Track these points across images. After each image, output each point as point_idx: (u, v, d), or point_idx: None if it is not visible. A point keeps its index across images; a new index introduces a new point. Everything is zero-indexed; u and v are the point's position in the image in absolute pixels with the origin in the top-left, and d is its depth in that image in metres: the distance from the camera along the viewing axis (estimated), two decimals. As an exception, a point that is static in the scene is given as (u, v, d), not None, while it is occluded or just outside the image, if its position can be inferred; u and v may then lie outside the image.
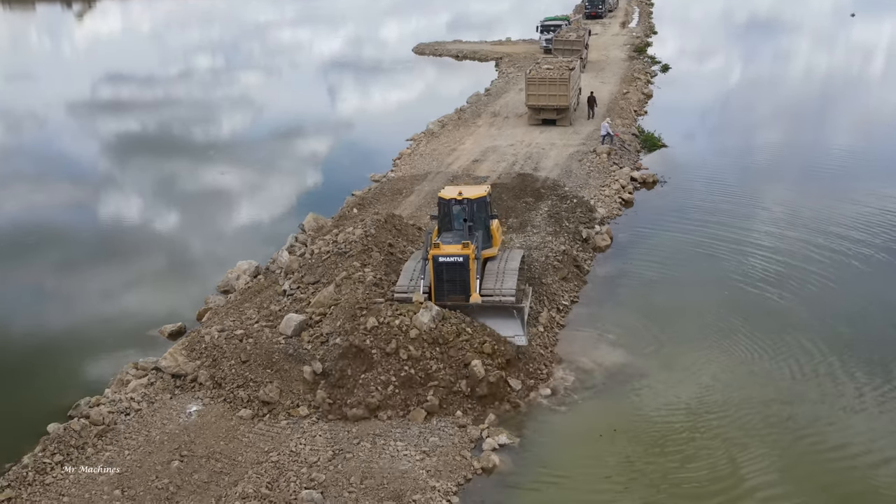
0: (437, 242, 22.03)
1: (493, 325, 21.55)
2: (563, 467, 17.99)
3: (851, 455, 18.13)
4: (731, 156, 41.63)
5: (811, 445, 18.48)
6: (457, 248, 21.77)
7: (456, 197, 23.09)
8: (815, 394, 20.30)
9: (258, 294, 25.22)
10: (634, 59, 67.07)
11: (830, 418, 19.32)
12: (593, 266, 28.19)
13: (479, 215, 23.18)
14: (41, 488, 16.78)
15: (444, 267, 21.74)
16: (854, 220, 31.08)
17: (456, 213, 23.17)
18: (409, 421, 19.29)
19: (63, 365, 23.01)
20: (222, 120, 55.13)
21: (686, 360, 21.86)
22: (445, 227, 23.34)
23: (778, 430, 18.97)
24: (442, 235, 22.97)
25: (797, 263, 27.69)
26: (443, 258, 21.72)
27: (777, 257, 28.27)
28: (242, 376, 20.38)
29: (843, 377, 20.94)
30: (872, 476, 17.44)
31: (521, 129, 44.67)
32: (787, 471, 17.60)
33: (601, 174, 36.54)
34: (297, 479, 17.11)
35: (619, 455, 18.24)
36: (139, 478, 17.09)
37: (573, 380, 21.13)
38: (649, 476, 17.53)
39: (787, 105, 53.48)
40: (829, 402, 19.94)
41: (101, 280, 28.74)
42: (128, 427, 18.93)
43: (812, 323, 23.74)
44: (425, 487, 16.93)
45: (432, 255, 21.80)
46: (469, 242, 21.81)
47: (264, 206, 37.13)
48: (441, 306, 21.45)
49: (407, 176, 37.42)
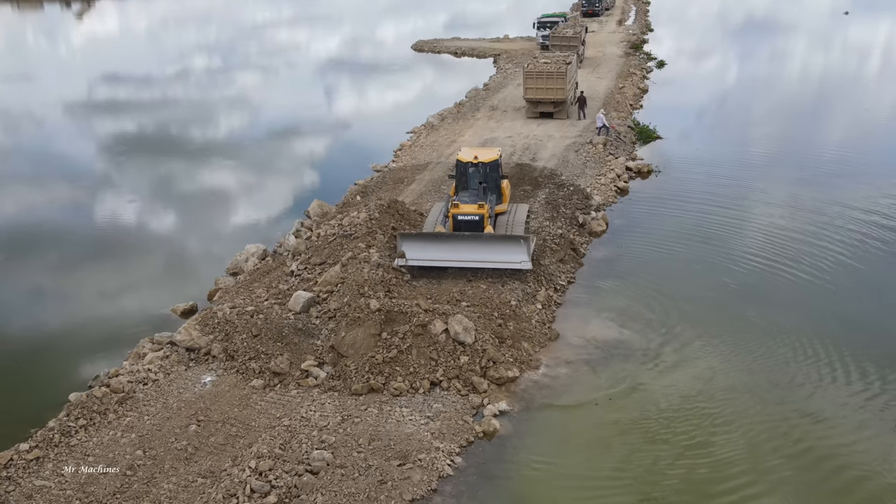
0: (455, 202, 25.89)
1: (503, 253, 24.54)
2: (560, 431, 18.96)
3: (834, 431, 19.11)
4: (724, 147, 42.76)
5: (787, 422, 19.47)
6: (473, 208, 25.62)
7: (472, 160, 26.63)
8: (795, 372, 21.28)
9: (267, 275, 26.18)
10: (630, 55, 68.15)
11: (810, 391, 20.32)
12: (589, 249, 29.18)
13: (492, 175, 26.80)
14: (66, 449, 17.72)
15: (463, 223, 25.65)
16: (847, 209, 32.01)
17: (471, 174, 26.77)
18: (414, 390, 20.24)
19: (80, 342, 23.96)
20: (231, 117, 56.02)
21: (678, 336, 22.85)
22: (462, 186, 27.16)
23: (756, 400, 19.93)
24: (459, 194, 26.81)
25: (787, 247, 28.66)
26: (461, 216, 25.62)
27: (768, 241, 29.26)
28: (254, 349, 21.34)
29: (833, 354, 21.77)
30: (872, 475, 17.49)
31: (519, 121, 45.68)
32: (753, 436, 18.59)
33: (597, 164, 37.55)
34: (309, 440, 18.07)
35: (612, 421, 19.21)
36: (159, 440, 18.04)
37: (570, 353, 22.12)
38: (639, 439, 18.50)
39: (779, 100, 54.59)
40: (803, 373, 20.96)
41: (118, 264, 29.77)
42: (146, 395, 19.88)
43: (797, 304, 24.66)
44: (430, 448, 17.90)
45: (452, 213, 25.65)
46: (484, 203, 25.66)
47: (271, 195, 38.16)
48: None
49: (408, 166, 38.40)
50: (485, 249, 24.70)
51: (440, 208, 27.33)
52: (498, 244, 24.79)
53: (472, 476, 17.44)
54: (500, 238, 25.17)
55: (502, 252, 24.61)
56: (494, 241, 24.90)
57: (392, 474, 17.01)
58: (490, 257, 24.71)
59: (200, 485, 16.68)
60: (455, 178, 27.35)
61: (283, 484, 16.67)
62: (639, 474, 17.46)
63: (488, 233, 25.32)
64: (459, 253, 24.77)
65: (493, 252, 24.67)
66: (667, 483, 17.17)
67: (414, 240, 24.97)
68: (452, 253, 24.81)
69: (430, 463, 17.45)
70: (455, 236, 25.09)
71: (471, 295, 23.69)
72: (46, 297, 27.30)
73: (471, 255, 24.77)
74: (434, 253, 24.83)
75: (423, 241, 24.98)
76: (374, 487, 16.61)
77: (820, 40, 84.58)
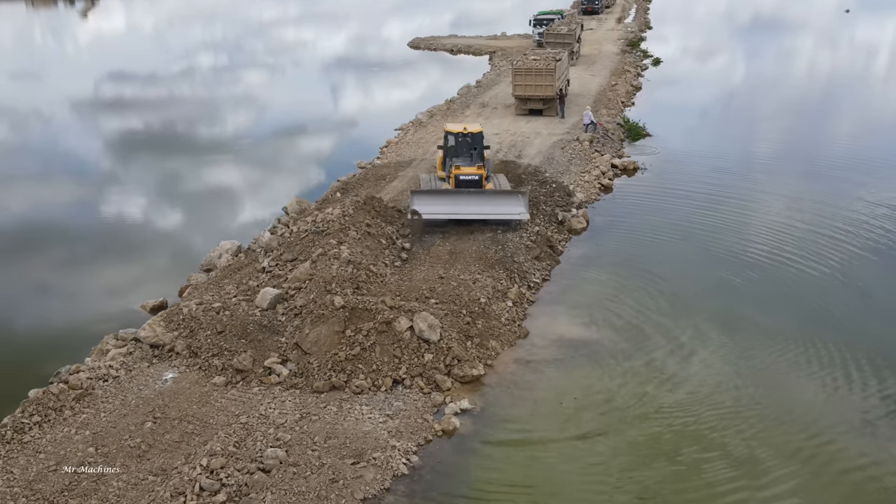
0: (457, 165, 29.59)
1: (503, 206, 27.90)
2: (521, 431, 18.69)
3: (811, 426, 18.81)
4: (714, 145, 42.38)
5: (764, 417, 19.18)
6: (473, 170, 29.34)
7: (462, 131, 30.45)
8: (767, 362, 21.03)
9: (238, 271, 25.96)
10: (627, 53, 67.74)
11: (774, 374, 20.04)
12: (567, 247, 28.87)
13: (477, 145, 30.38)
14: (19, 446, 17.50)
15: (464, 183, 28.93)
16: (837, 209, 31.59)
17: (461, 142, 30.45)
18: (377, 388, 20.00)
19: (47, 337, 23.79)
20: (218, 112, 55.82)
21: (648, 335, 22.55)
22: (452, 154, 30.53)
23: (724, 388, 19.68)
24: (454, 161, 30.20)
25: (769, 245, 28.35)
26: (463, 176, 29.03)
27: (750, 238, 28.95)
28: (218, 346, 21.11)
29: (803, 347, 21.60)
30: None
31: (507, 118, 45.36)
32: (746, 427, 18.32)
33: (582, 161, 37.23)
34: (264, 438, 17.82)
35: (576, 421, 18.93)
36: (112, 437, 17.82)
37: (537, 352, 21.84)
38: (603, 441, 18.22)
39: (775, 99, 54.20)
40: (776, 366, 20.67)
41: (93, 259, 29.58)
42: (105, 392, 19.66)
43: (786, 300, 24.45)
44: (386, 446, 17.64)
45: (454, 174, 29.15)
46: (482, 165, 29.64)
47: (255, 191, 38.09)
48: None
49: (392, 163, 38.15)
50: (487, 203, 28.12)
51: (428, 178, 31.85)
52: (499, 198, 28.50)
53: (427, 475, 17.18)
54: (501, 193, 29.12)
55: (503, 205, 28.00)
56: (495, 195, 28.78)
57: (345, 473, 16.76)
58: (492, 210, 27.95)
59: (150, 483, 16.44)
60: (443, 148, 30.94)
61: (233, 482, 16.41)
62: (599, 477, 17.18)
63: (489, 189, 29.08)
64: (464, 207, 27.87)
65: (495, 205, 28.07)
66: (629, 487, 16.89)
67: (424, 196, 28.18)
68: (458, 207, 27.91)
69: (384, 461, 17.20)
70: (460, 192, 28.52)
71: (440, 292, 23.44)
72: (15, 292, 27.09)
73: (474, 209, 27.88)
74: (442, 207, 27.87)
75: (432, 196, 28.34)
76: (325, 486, 16.37)
77: (821, 38, 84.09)
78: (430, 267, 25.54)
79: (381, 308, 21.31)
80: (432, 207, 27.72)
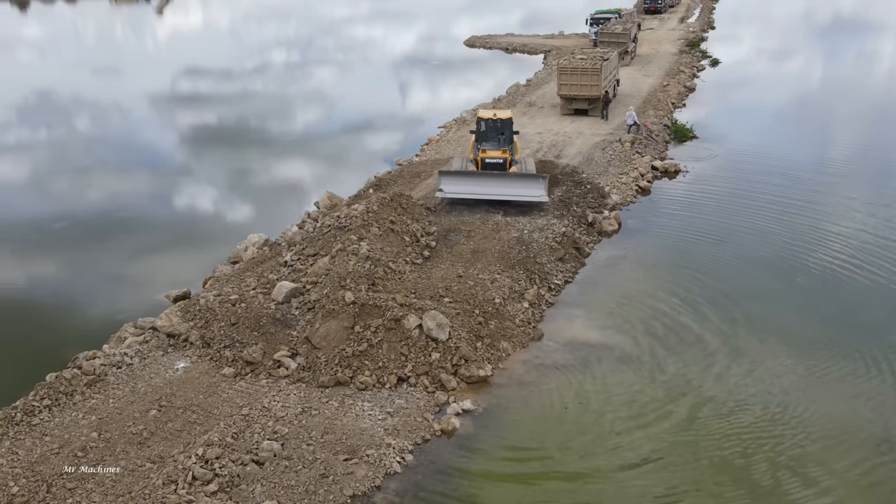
0: (484, 149, 30.98)
1: (524, 188, 29.46)
2: (522, 435, 18.42)
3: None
4: (764, 149, 40.70)
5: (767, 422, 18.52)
6: (498, 153, 30.85)
7: (492, 117, 31.53)
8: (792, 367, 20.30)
9: (261, 264, 26.23)
10: (685, 53, 66.32)
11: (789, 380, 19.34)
12: (596, 249, 28.36)
13: (507, 131, 31.51)
14: (27, 428, 18.00)
15: (489, 165, 30.65)
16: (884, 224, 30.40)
17: (490, 128, 31.59)
18: (381, 385, 19.97)
19: (74, 322, 24.58)
20: (276, 108, 56.30)
21: (664, 341, 22.01)
22: (482, 139, 31.64)
23: (742, 399, 19.06)
24: (482, 145, 31.40)
25: (806, 254, 27.32)
26: (489, 160, 30.70)
27: (788, 247, 27.94)
28: (230, 337, 21.38)
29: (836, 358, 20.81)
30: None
31: (552, 118, 44.89)
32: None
33: (622, 162, 36.57)
34: (262, 430, 17.97)
35: (579, 427, 18.58)
36: (117, 423, 18.17)
37: (549, 354, 21.50)
38: (606, 447, 17.83)
39: (843, 103, 51.71)
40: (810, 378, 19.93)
41: (127, 248, 30.30)
42: (117, 379, 20.08)
43: (814, 309, 23.73)
44: (381, 444, 17.60)
45: (481, 157, 30.79)
46: (507, 150, 30.95)
47: (294, 185, 38.72)
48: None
49: (430, 160, 38.08)
50: (508, 185, 29.65)
51: (460, 160, 32.59)
52: (520, 180, 29.96)
53: (420, 474, 17.08)
54: (522, 176, 30.52)
55: (523, 187, 29.51)
56: (517, 178, 30.16)
57: (336, 469, 16.77)
58: (513, 192, 29.47)
59: (146, 469, 16.71)
60: (476, 133, 31.86)
61: (227, 473, 16.58)
62: (598, 483, 16.82)
63: (512, 172, 30.51)
64: (487, 188, 29.45)
65: (516, 187, 29.59)
66: (626, 491, 16.52)
67: (451, 176, 29.94)
68: (481, 188, 29.50)
69: (377, 459, 17.16)
70: (484, 174, 30.13)
71: (456, 291, 23.24)
72: (48, 279, 27.97)
73: (496, 190, 29.43)
74: (466, 188, 29.60)
75: (458, 177, 30.00)
76: (315, 481, 16.41)
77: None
78: (450, 265, 25.39)
79: (391, 305, 21.27)
80: (457, 187, 29.68)
